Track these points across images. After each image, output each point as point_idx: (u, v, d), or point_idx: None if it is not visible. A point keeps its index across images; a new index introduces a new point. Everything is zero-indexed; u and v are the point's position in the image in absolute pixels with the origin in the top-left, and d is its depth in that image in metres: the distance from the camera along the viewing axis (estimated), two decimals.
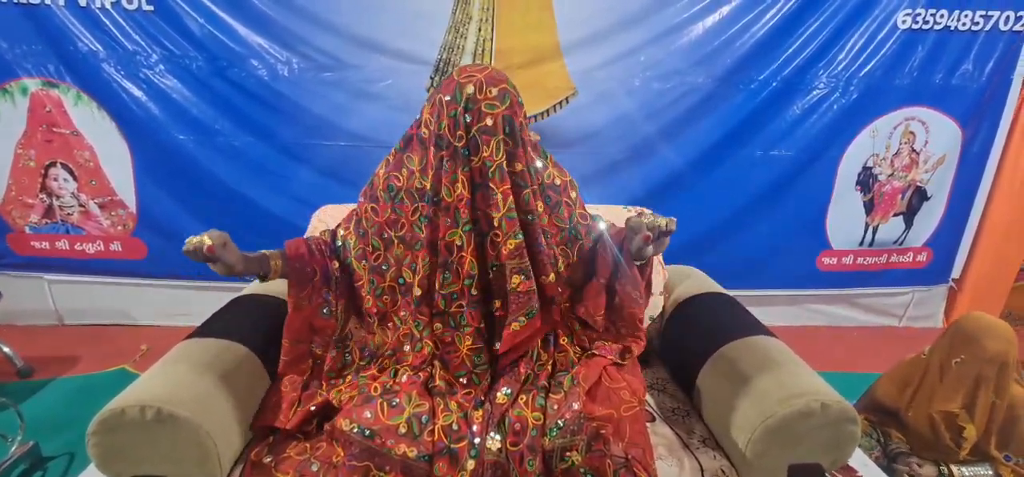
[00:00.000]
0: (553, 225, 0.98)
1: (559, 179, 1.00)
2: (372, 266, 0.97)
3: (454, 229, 0.87)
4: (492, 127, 0.83)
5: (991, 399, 1.32)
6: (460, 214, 0.86)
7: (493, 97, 0.83)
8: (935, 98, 2.06)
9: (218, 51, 1.88)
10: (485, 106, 0.82)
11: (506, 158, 0.85)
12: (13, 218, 2.08)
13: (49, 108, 1.93)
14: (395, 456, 0.80)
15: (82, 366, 1.92)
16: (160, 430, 0.81)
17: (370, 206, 0.98)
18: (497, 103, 0.83)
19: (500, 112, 0.83)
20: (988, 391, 1.32)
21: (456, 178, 0.86)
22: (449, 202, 0.87)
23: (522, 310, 0.88)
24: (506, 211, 0.84)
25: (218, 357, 0.95)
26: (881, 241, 2.29)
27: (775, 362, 0.96)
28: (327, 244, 1.02)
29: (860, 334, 2.38)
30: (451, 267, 0.89)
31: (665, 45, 1.95)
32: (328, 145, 2.01)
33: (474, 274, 0.88)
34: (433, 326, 0.94)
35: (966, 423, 1.33)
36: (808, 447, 0.89)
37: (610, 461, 0.81)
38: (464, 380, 0.92)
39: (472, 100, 0.83)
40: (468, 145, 0.85)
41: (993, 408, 1.33)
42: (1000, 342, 1.31)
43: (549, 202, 0.98)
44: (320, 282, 0.99)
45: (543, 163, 0.99)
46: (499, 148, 0.84)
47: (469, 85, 0.83)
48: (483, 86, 0.83)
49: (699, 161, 2.08)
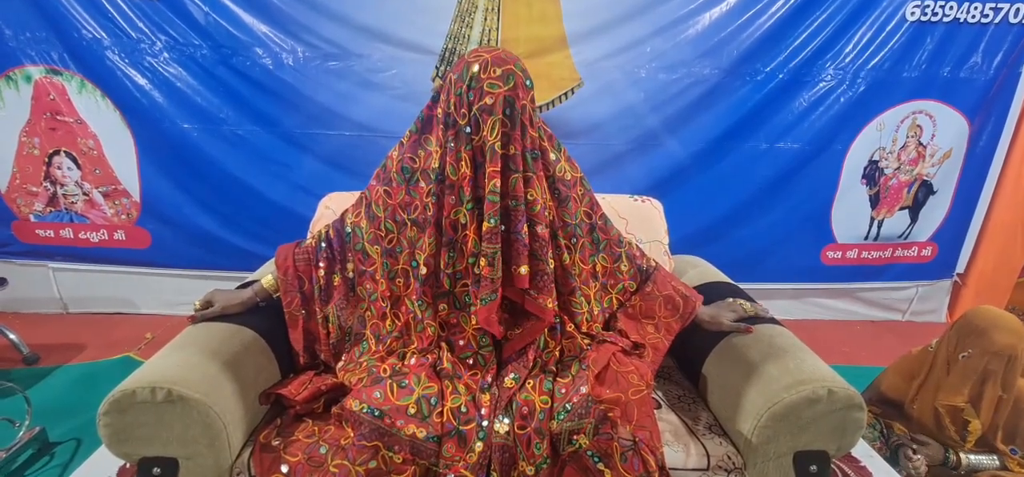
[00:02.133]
0: (561, 220, 0.98)
1: (570, 174, 0.99)
2: (386, 249, 0.98)
3: (458, 207, 0.87)
4: (491, 106, 0.82)
5: (998, 393, 1.32)
6: (464, 192, 0.86)
7: (496, 77, 0.82)
8: (943, 91, 2.05)
9: (222, 39, 1.88)
10: (487, 85, 0.82)
11: (500, 139, 0.84)
12: (18, 206, 2.09)
13: (53, 96, 1.93)
14: (404, 436, 0.81)
15: (87, 354, 1.93)
16: (170, 411, 0.82)
17: (383, 189, 0.98)
18: (500, 83, 0.82)
19: (501, 92, 0.82)
20: (995, 385, 1.31)
21: (460, 156, 0.86)
22: (453, 180, 0.87)
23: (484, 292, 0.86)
24: (489, 192, 0.84)
25: (226, 341, 0.95)
26: (886, 235, 2.28)
27: (781, 349, 0.96)
28: (313, 251, 1.03)
29: (863, 328, 2.38)
30: (456, 246, 0.89)
31: (671, 36, 1.95)
32: (332, 134, 2.01)
33: (478, 252, 0.88)
34: (438, 307, 0.93)
35: (971, 417, 1.33)
36: (814, 433, 0.89)
37: (617, 444, 0.81)
38: (470, 361, 0.92)
39: (475, 79, 0.83)
40: (470, 123, 0.85)
41: (1000, 402, 1.33)
42: (1009, 335, 1.30)
43: (559, 196, 0.98)
44: (311, 292, 1.02)
45: (556, 156, 0.99)
46: (495, 128, 0.83)
47: (475, 64, 0.84)
48: (488, 65, 0.83)
49: (704, 153, 2.07)
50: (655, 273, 1.09)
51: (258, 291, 1.04)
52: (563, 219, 0.98)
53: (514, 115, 0.84)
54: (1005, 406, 1.33)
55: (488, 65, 0.83)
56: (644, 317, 1.06)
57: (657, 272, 1.09)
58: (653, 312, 1.06)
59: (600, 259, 1.05)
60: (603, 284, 1.06)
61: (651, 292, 1.06)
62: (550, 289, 0.91)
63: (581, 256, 1.01)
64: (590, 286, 1.02)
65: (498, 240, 0.86)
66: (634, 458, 0.81)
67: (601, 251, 1.05)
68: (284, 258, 1.03)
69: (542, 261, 0.90)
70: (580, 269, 1.00)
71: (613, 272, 1.06)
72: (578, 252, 1.00)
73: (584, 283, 1.01)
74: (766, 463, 0.90)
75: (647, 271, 1.09)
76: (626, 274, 1.07)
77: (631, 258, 1.08)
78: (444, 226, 0.90)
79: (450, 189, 0.88)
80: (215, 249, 2.12)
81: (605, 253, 1.05)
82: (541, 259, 0.90)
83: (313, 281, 1.02)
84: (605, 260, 1.05)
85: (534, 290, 0.90)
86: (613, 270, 1.06)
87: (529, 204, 0.88)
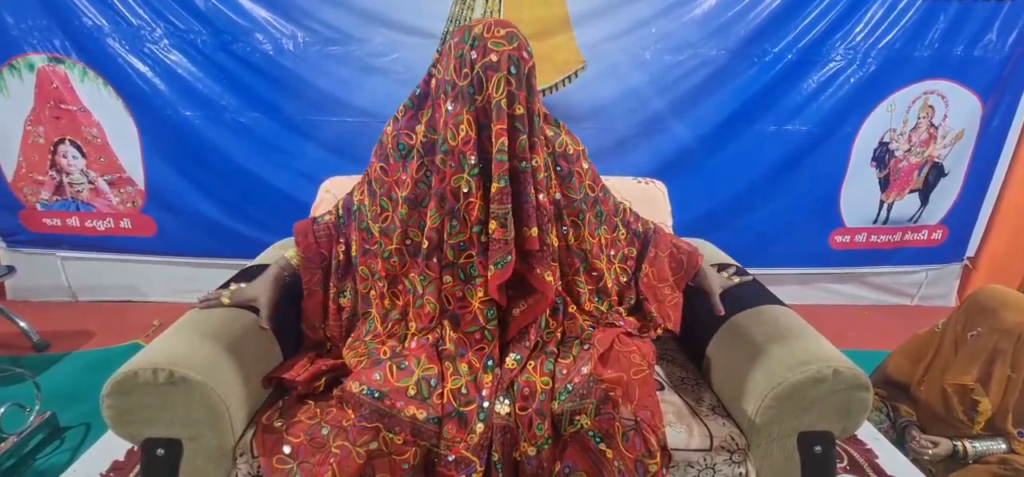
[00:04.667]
0: (565, 197, 0.97)
1: (572, 148, 0.98)
2: (381, 228, 0.97)
3: (460, 174, 0.84)
4: (496, 63, 0.80)
5: (1007, 373, 1.30)
6: (466, 158, 0.83)
7: (500, 37, 0.81)
8: (956, 71, 2.00)
9: (223, 25, 1.87)
10: (491, 44, 0.80)
11: (506, 97, 0.81)
12: (25, 195, 2.10)
13: (56, 84, 1.94)
14: (404, 417, 0.80)
15: (96, 341, 1.95)
16: (173, 392, 0.82)
17: (380, 166, 0.98)
18: (504, 42, 0.80)
19: (506, 50, 0.80)
20: (1005, 364, 1.29)
21: (461, 119, 0.82)
22: (453, 146, 0.83)
23: (496, 255, 0.84)
24: (496, 151, 0.81)
25: (227, 324, 0.95)
26: (896, 219, 2.25)
27: (786, 330, 0.95)
28: (333, 227, 1.03)
29: (872, 313, 2.36)
30: (458, 215, 0.86)
31: (677, 16, 1.91)
32: (334, 121, 2.00)
33: (483, 220, 0.85)
34: (442, 280, 0.91)
35: (981, 397, 1.31)
36: (818, 414, 0.88)
37: (619, 423, 0.81)
38: (477, 335, 0.90)
39: (479, 38, 0.81)
40: (473, 82, 0.82)
41: (1009, 383, 1.31)
42: (1019, 314, 1.28)
43: (561, 171, 0.96)
44: (330, 267, 1.03)
45: (555, 131, 0.97)
46: (500, 85, 0.80)
47: (478, 26, 0.82)
48: (491, 27, 0.82)
49: (710, 136, 2.05)
50: (654, 236, 1.12)
51: (285, 266, 1.03)
52: (567, 195, 0.97)
53: (520, 74, 0.81)
54: (1014, 387, 1.31)
55: (492, 27, 0.81)
56: (659, 281, 1.09)
57: (656, 235, 1.12)
58: (665, 274, 1.10)
59: (603, 231, 1.05)
60: (607, 255, 1.06)
61: (655, 256, 1.10)
62: (549, 263, 0.89)
63: (588, 231, 1.00)
64: (600, 259, 1.02)
65: (508, 201, 0.83)
66: (635, 438, 0.81)
67: (602, 223, 1.05)
68: (304, 235, 1.03)
69: (544, 232, 0.88)
70: (590, 244, 1.00)
71: (614, 242, 1.08)
72: (586, 228, 0.99)
73: (595, 257, 1.01)
74: (770, 444, 0.90)
75: (645, 235, 1.12)
76: (623, 241, 1.10)
77: (627, 224, 1.10)
78: (445, 195, 0.86)
79: (450, 155, 0.84)
80: (220, 237, 2.13)
81: (605, 225, 1.06)
82: (544, 229, 0.88)
83: (333, 256, 1.03)
84: (606, 232, 1.06)
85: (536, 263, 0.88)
86: (613, 240, 1.08)
87: (534, 170, 0.85)
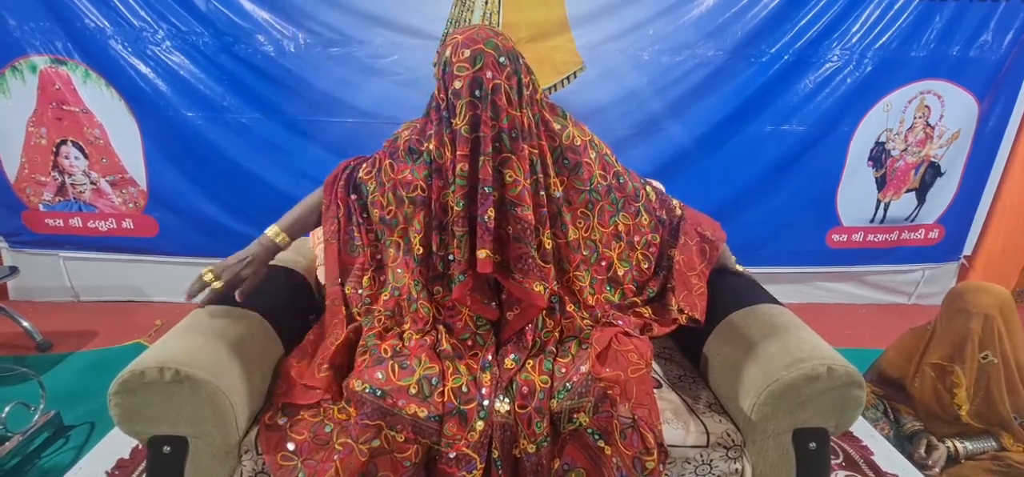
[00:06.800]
0: (573, 188, 0.98)
1: (579, 139, 0.99)
2: (382, 218, 0.99)
3: (446, 190, 0.89)
4: (459, 90, 0.82)
5: (977, 354, 1.34)
6: (449, 176, 0.87)
7: (463, 59, 0.82)
8: (952, 71, 2.01)
9: (224, 27, 1.88)
10: (456, 68, 0.82)
11: (469, 123, 0.83)
12: (27, 196, 2.12)
13: (58, 86, 1.95)
14: (406, 416, 0.82)
15: (99, 340, 1.97)
16: (179, 391, 0.83)
17: (389, 161, 1.00)
18: (467, 65, 0.82)
19: (468, 74, 0.82)
20: (973, 344, 1.34)
21: (443, 141, 0.87)
22: (440, 164, 0.88)
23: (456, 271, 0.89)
24: (457, 174, 0.85)
25: (232, 324, 0.96)
26: (892, 218, 2.26)
27: (782, 328, 0.96)
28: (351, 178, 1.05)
29: (869, 312, 2.37)
30: (446, 228, 0.90)
31: (674, 17, 1.92)
32: (335, 121, 2.01)
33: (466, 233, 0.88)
34: (433, 289, 0.94)
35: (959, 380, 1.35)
36: (813, 411, 0.89)
37: (617, 421, 0.82)
38: (469, 342, 0.93)
39: (448, 63, 0.83)
40: (448, 108, 0.86)
41: (991, 369, 1.34)
42: (987, 296, 1.34)
43: (568, 164, 0.98)
44: (344, 217, 1.04)
45: (561, 124, 0.98)
46: (462, 111, 0.82)
47: (449, 48, 0.84)
48: (458, 48, 0.82)
49: (708, 136, 2.06)
50: (683, 224, 1.12)
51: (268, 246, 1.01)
52: (575, 187, 0.98)
53: (483, 96, 0.82)
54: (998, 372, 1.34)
55: (458, 48, 0.82)
56: (688, 270, 1.10)
57: (683, 222, 1.12)
58: (693, 263, 1.11)
59: (621, 218, 1.06)
60: (628, 242, 1.07)
61: (685, 243, 1.10)
62: (537, 272, 0.90)
63: (600, 220, 1.01)
64: (612, 248, 1.03)
65: (465, 224, 0.86)
66: (633, 435, 0.82)
67: (620, 210, 1.05)
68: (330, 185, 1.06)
69: (524, 244, 0.88)
70: (600, 233, 1.01)
71: (635, 229, 1.08)
72: (597, 216, 1.00)
73: (606, 246, 1.02)
74: (765, 440, 0.91)
75: (673, 224, 1.12)
76: (647, 227, 1.09)
77: (650, 210, 1.10)
78: (434, 209, 0.91)
79: (438, 173, 0.89)
80: (221, 237, 2.14)
81: (624, 211, 1.06)
82: (523, 242, 0.88)
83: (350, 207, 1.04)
84: (626, 218, 1.07)
85: (519, 274, 0.90)
86: (635, 226, 1.08)
87: (508, 187, 0.86)
